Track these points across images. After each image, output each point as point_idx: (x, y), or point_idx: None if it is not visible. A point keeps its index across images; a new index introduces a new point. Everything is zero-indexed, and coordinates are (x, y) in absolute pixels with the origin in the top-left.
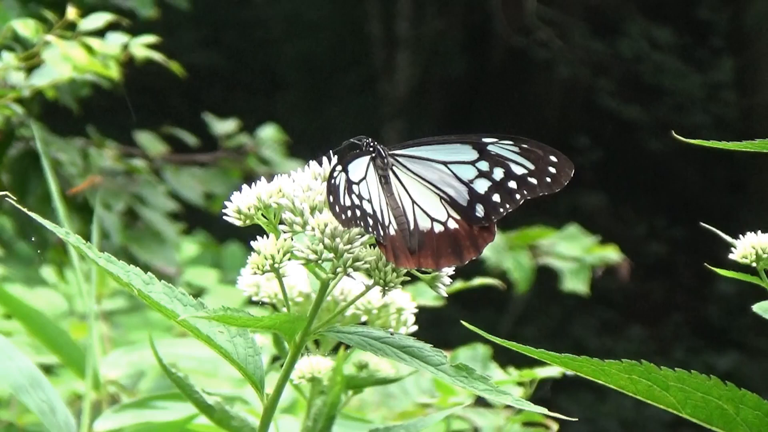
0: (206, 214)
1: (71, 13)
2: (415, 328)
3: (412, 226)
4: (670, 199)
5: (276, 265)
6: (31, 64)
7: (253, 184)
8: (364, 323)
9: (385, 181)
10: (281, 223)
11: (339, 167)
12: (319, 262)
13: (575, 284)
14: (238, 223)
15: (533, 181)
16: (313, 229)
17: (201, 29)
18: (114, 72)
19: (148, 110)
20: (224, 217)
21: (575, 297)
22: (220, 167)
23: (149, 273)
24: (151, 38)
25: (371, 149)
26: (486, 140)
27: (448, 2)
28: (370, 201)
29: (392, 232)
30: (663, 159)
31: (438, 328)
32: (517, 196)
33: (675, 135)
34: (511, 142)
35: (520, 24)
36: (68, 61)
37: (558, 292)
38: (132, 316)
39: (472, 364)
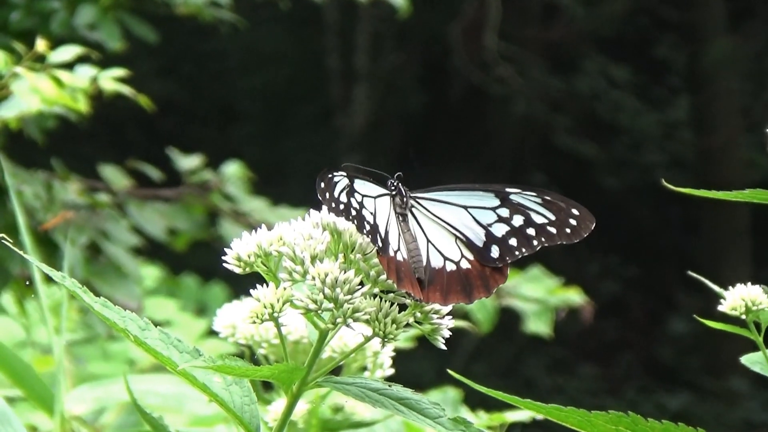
0: (166, 248)
1: (41, 45)
2: (392, 371)
3: (424, 263)
4: (624, 237)
5: (276, 314)
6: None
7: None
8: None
9: (402, 219)
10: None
11: (343, 173)
12: (319, 312)
13: (538, 326)
14: (238, 270)
15: (552, 230)
16: (313, 278)
17: (158, 59)
18: (82, 105)
19: (104, 140)
20: (224, 264)
21: (527, 335)
22: (183, 203)
23: (144, 318)
24: (120, 71)
25: (393, 188)
26: (509, 190)
27: (406, 37)
28: (373, 215)
29: (400, 258)
30: (618, 197)
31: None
32: (535, 242)
33: (664, 183)
34: (534, 194)
35: (480, 60)
36: (37, 93)
37: (510, 330)
38: (89, 348)
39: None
